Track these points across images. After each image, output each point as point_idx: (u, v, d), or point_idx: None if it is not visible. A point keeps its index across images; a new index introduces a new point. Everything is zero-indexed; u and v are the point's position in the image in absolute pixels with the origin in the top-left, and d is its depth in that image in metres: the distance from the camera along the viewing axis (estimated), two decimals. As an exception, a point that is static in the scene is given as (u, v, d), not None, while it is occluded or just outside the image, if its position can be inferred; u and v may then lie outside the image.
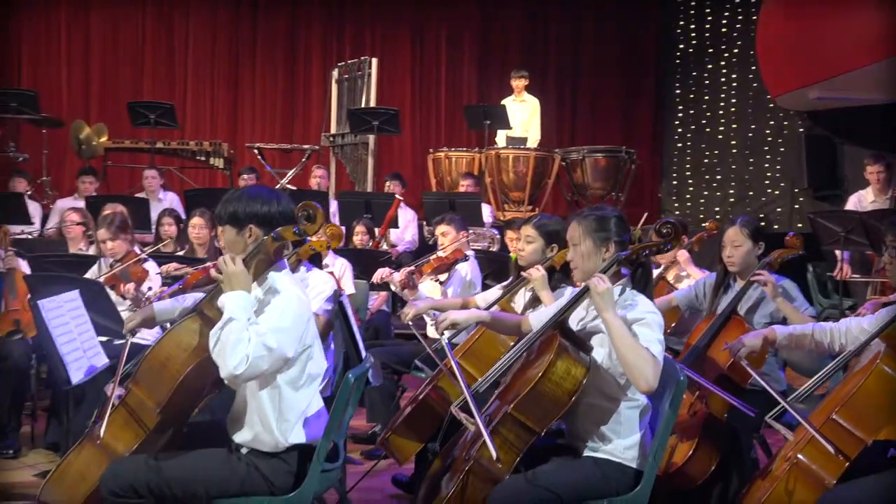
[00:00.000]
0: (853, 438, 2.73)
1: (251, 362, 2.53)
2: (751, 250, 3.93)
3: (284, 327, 2.61)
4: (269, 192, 2.80)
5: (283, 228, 2.73)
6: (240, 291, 2.63)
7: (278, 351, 2.59)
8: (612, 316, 2.69)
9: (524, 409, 2.75)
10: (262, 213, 2.74)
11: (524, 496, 2.67)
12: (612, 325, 2.68)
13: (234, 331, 2.54)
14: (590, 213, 2.97)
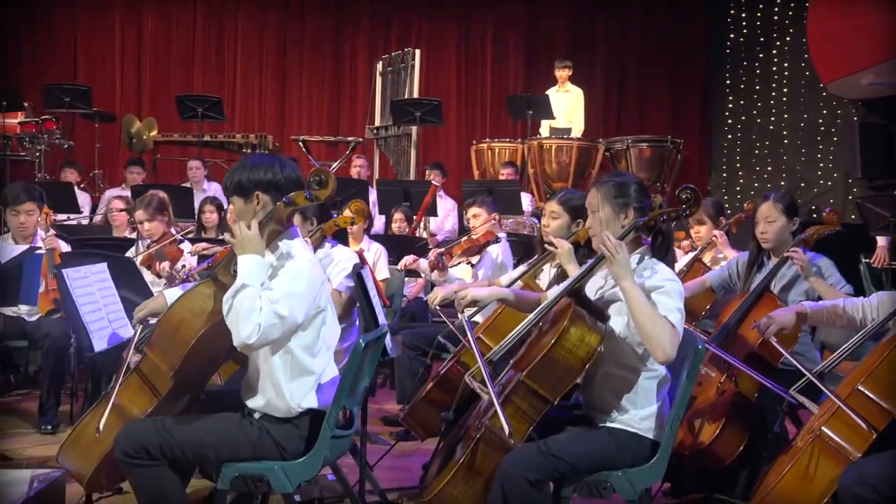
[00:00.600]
0: (880, 410, 2.63)
1: (263, 331, 2.54)
2: (785, 226, 3.82)
3: (297, 292, 2.62)
4: (271, 159, 2.81)
5: (295, 194, 2.73)
6: (253, 255, 2.64)
7: (290, 318, 2.60)
8: (629, 284, 2.63)
9: (537, 376, 2.70)
10: (266, 179, 2.74)
11: (535, 465, 2.62)
12: (629, 294, 2.63)
13: (247, 298, 2.56)
14: (609, 180, 2.91)
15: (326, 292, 2.78)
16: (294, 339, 2.69)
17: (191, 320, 2.72)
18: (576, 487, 2.72)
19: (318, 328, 2.73)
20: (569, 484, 2.72)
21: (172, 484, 2.69)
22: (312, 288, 2.67)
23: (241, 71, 12.29)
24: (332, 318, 2.82)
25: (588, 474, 2.72)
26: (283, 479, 2.68)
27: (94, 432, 2.71)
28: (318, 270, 2.74)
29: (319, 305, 2.72)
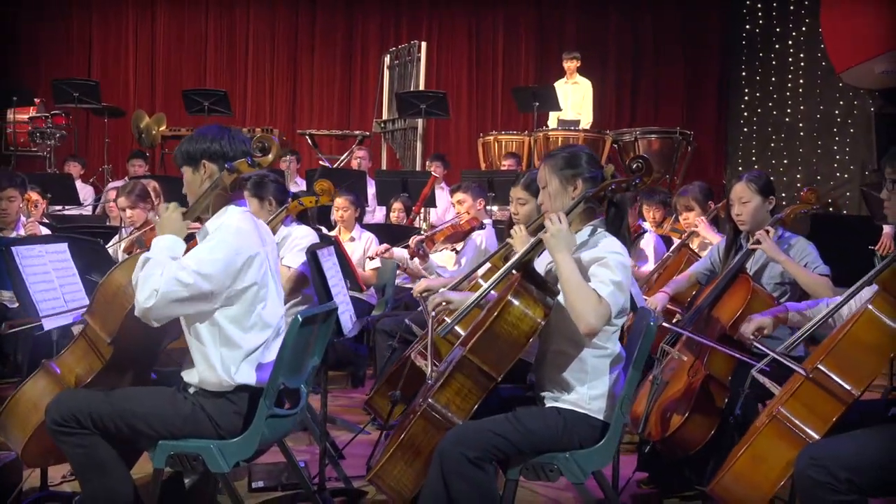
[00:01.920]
0: (841, 390, 2.49)
1: (161, 296, 2.51)
2: (760, 206, 3.68)
3: (212, 259, 2.57)
4: (220, 129, 2.80)
5: (238, 161, 2.69)
6: (169, 235, 2.65)
7: (196, 286, 2.54)
8: (561, 256, 2.56)
9: (480, 351, 2.61)
10: (213, 149, 2.73)
11: (475, 442, 2.52)
12: (560, 265, 2.56)
13: (148, 267, 2.56)
14: (558, 152, 2.82)
15: (266, 269, 2.70)
16: (221, 311, 2.63)
17: (127, 288, 2.69)
18: (521, 469, 2.62)
19: (251, 304, 2.66)
20: (514, 465, 2.62)
21: (105, 453, 2.64)
22: (234, 259, 2.61)
23: (252, 66, 12.35)
24: (273, 297, 2.74)
25: (534, 455, 2.62)
26: (219, 457, 2.61)
27: (28, 402, 2.68)
28: (248, 242, 2.66)
29: (247, 282, 2.64)
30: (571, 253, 2.58)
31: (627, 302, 2.68)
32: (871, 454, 2.35)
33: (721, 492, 2.58)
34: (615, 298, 2.55)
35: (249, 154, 2.71)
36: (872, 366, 2.44)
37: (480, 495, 2.51)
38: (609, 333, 2.69)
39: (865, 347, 2.45)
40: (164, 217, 2.69)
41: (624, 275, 2.59)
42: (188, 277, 2.52)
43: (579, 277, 2.53)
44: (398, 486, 2.63)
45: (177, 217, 2.67)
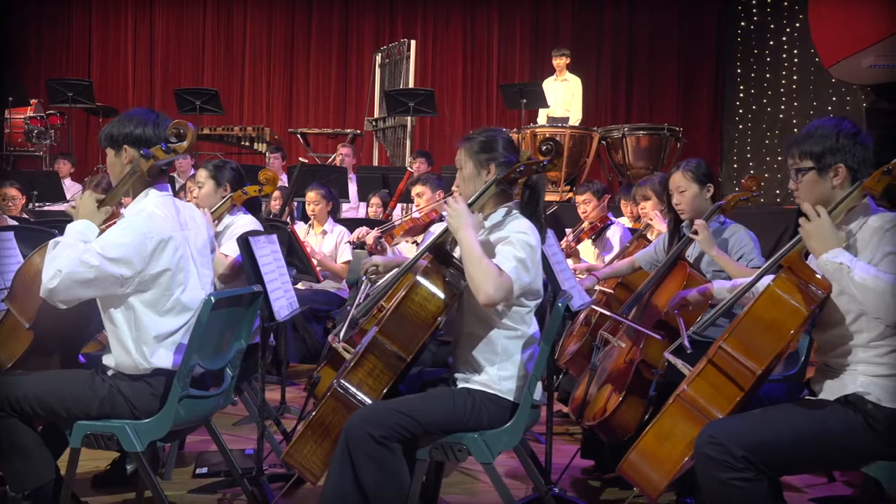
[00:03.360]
0: (743, 369, 2.49)
1: (64, 276, 2.51)
2: (698, 194, 3.68)
3: (120, 243, 2.58)
4: (147, 114, 2.79)
5: (154, 148, 2.72)
6: (82, 220, 2.67)
7: (102, 268, 2.54)
8: (463, 233, 2.59)
9: (389, 332, 2.64)
10: (135, 134, 2.74)
11: (381, 421, 2.54)
12: (461, 242, 2.59)
13: (55, 249, 2.58)
14: (475, 136, 2.84)
15: (185, 253, 2.73)
16: (136, 296, 2.65)
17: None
18: (430, 449, 2.64)
19: (167, 288, 2.68)
20: (423, 445, 2.64)
21: (25, 437, 2.67)
22: (143, 243, 2.61)
23: (249, 65, 12.47)
24: (194, 281, 2.77)
25: (442, 435, 2.64)
26: (132, 437, 2.65)
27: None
28: (160, 226, 2.67)
29: (164, 264, 2.66)
30: (474, 230, 2.60)
31: (537, 283, 2.70)
32: (767, 433, 2.36)
33: (628, 469, 2.59)
34: (517, 274, 2.56)
35: (165, 140, 2.73)
36: (773, 344, 2.43)
37: (385, 474, 2.53)
38: (522, 315, 2.71)
39: (766, 326, 2.45)
40: (79, 202, 2.71)
41: (528, 253, 2.60)
42: (93, 259, 2.54)
43: (480, 252, 2.55)
44: (308, 464, 2.66)
45: (90, 202, 2.69)
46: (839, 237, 2.40)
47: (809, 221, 2.43)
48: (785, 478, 3.76)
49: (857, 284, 2.29)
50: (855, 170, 2.51)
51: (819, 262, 2.38)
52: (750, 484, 2.32)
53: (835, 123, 2.57)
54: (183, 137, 2.74)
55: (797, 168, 2.58)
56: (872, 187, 2.49)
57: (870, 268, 2.31)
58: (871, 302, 2.27)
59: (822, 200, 2.53)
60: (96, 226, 2.67)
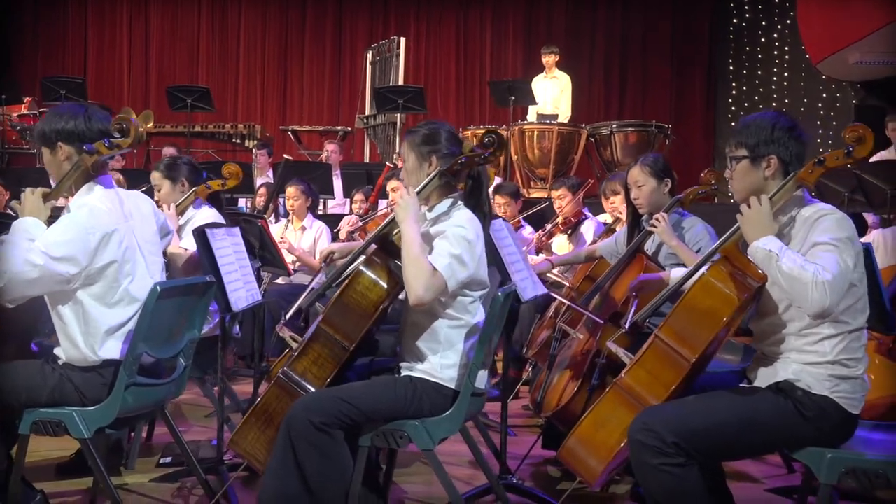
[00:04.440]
0: (678, 357, 2.52)
1: (10, 277, 2.52)
2: (656, 188, 3.71)
3: (63, 241, 2.59)
4: (77, 108, 2.79)
5: (97, 143, 2.74)
6: (28, 218, 2.68)
7: (47, 267, 2.56)
8: (406, 228, 2.63)
9: (332, 321, 2.68)
10: (67, 129, 2.74)
11: (322, 408, 2.57)
12: (403, 235, 2.63)
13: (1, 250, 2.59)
14: (419, 129, 2.88)
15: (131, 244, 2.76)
16: (84, 290, 2.67)
17: None
18: (372, 436, 2.67)
19: (114, 280, 2.70)
20: (365, 432, 2.67)
21: None
22: (86, 239, 2.63)
23: (243, 63, 12.54)
24: (143, 271, 2.80)
25: (384, 423, 2.67)
26: (80, 424, 2.68)
27: None
28: (103, 221, 2.69)
29: (109, 257, 2.67)
30: (417, 225, 2.64)
31: (480, 274, 2.73)
32: (698, 419, 2.39)
33: (566, 456, 2.62)
34: (452, 271, 2.60)
35: (107, 135, 2.75)
36: (706, 332, 2.46)
37: (327, 461, 2.57)
38: (465, 304, 2.74)
39: (700, 314, 2.48)
40: (25, 200, 2.72)
41: (465, 247, 2.63)
42: (38, 259, 2.55)
43: (417, 250, 2.59)
44: (253, 451, 2.70)
45: (36, 200, 2.71)
46: (774, 226, 2.43)
47: (749, 208, 2.47)
48: (743, 468, 3.83)
49: (783, 273, 2.31)
50: (787, 162, 2.54)
51: (750, 248, 2.41)
52: (681, 470, 2.35)
53: (773, 116, 2.60)
54: (126, 133, 2.76)
55: (732, 156, 2.62)
56: (806, 178, 2.52)
57: (798, 258, 2.33)
58: (796, 292, 2.30)
59: (753, 190, 2.57)
60: (42, 222, 2.69)
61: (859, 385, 2.43)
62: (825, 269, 2.28)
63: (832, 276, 2.26)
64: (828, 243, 2.34)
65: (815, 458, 2.40)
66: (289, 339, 2.84)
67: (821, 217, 2.42)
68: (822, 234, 2.37)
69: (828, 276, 2.26)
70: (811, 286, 2.26)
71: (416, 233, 2.61)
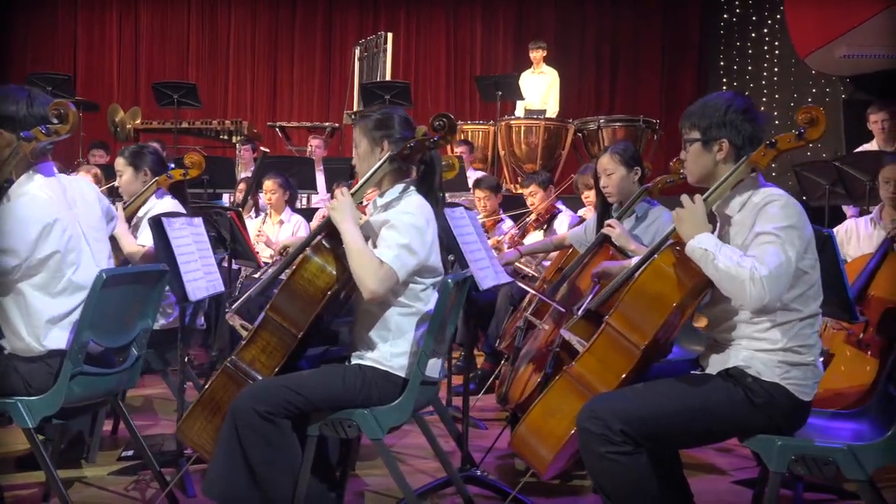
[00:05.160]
0: (628, 344, 2.48)
1: None
2: (625, 177, 3.68)
3: (2, 232, 2.55)
4: (18, 92, 2.72)
5: (34, 129, 2.69)
6: None
7: None
8: (344, 226, 2.62)
9: (279, 308, 2.65)
10: (8, 114, 2.66)
11: (268, 397, 2.54)
12: (343, 236, 2.61)
13: None
14: (371, 114, 2.84)
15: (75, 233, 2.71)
16: (25, 281, 2.63)
17: None
18: (321, 425, 2.63)
19: (57, 270, 2.65)
20: (314, 421, 2.64)
21: None
22: (26, 230, 2.59)
23: (233, 59, 12.49)
24: (88, 260, 2.76)
25: (332, 411, 2.63)
26: (24, 413, 2.64)
27: None
28: (44, 211, 2.64)
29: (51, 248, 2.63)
30: (355, 223, 2.62)
31: (431, 261, 2.69)
32: (646, 407, 2.35)
33: (517, 444, 2.59)
34: (401, 261, 2.57)
35: (46, 121, 2.70)
36: (655, 318, 2.42)
37: (273, 450, 2.54)
38: (416, 292, 2.71)
39: (649, 299, 2.44)
40: None
41: (414, 235, 2.60)
42: None
43: (361, 245, 2.58)
44: (200, 441, 2.67)
45: None
46: (708, 224, 2.39)
47: (683, 207, 2.43)
48: (710, 460, 3.80)
49: (720, 271, 2.28)
50: (739, 146, 2.49)
51: (687, 248, 2.37)
52: (628, 458, 2.31)
53: (728, 98, 2.56)
54: (64, 119, 2.70)
55: (685, 139, 2.58)
56: (758, 161, 2.48)
57: (735, 254, 2.29)
58: (734, 289, 2.26)
59: (705, 173, 2.54)
60: None
61: (811, 372, 2.39)
62: (762, 263, 2.24)
63: (769, 271, 2.22)
64: (769, 233, 2.30)
65: (765, 446, 2.36)
66: (239, 327, 2.81)
67: (767, 204, 2.37)
68: (766, 224, 2.32)
69: (764, 271, 2.22)
70: (748, 282, 2.22)
71: (355, 231, 2.60)
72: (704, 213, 2.42)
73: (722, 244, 2.33)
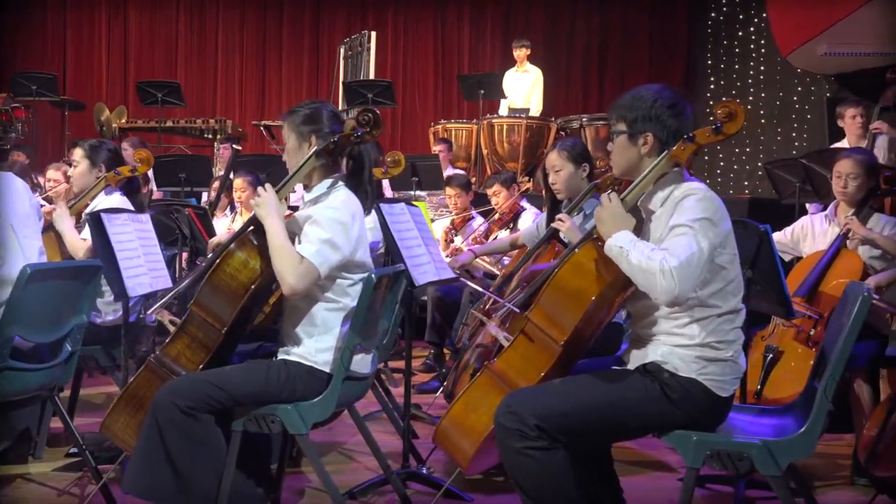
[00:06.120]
0: (548, 339, 2.47)
1: None
2: (573, 174, 3.68)
3: None
4: None
5: None
6: None
7: None
8: (269, 223, 2.62)
9: (203, 303, 2.64)
10: None
11: (189, 392, 2.54)
12: (267, 231, 2.61)
13: None
14: (300, 109, 2.84)
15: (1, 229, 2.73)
16: None
17: None
18: (245, 421, 2.62)
19: None
20: (238, 416, 2.63)
21: None
22: None
23: (222, 59, 12.49)
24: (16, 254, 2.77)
25: (255, 407, 2.62)
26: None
27: None
28: None
29: None
30: (280, 219, 2.62)
31: (358, 256, 2.69)
32: (562, 402, 2.34)
33: (440, 438, 2.58)
34: (322, 256, 2.57)
35: None
36: (574, 313, 2.40)
37: (194, 445, 2.53)
38: (344, 287, 2.70)
39: (567, 295, 2.42)
40: None
41: (337, 230, 2.60)
42: None
43: (282, 241, 2.58)
44: (123, 436, 2.66)
45: None
46: (629, 221, 2.37)
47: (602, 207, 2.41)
48: (661, 457, 3.78)
49: (633, 266, 2.26)
50: (664, 141, 2.47)
51: (605, 247, 2.35)
52: (543, 453, 2.30)
53: (655, 91, 2.53)
54: None
55: (612, 130, 2.57)
56: (678, 155, 2.46)
57: (646, 248, 2.27)
58: (647, 283, 2.24)
59: (631, 166, 2.52)
60: None
61: (729, 368, 2.37)
62: (672, 255, 2.22)
63: (679, 262, 2.21)
64: (683, 225, 2.29)
65: (681, 441, 2.35)
66: (167, 322, 2.81)
67: (685, 197, 2.36)
68: (680, 216, 2.31)
69: (674, 262, 2.20)
70: (658, 275, 2.21)
71: (279, 226, 2.60)
72: (623, 210, 2.40)
73: (637, 240, 2.32)
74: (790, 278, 3.94)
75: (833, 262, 3.77)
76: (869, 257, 3.77)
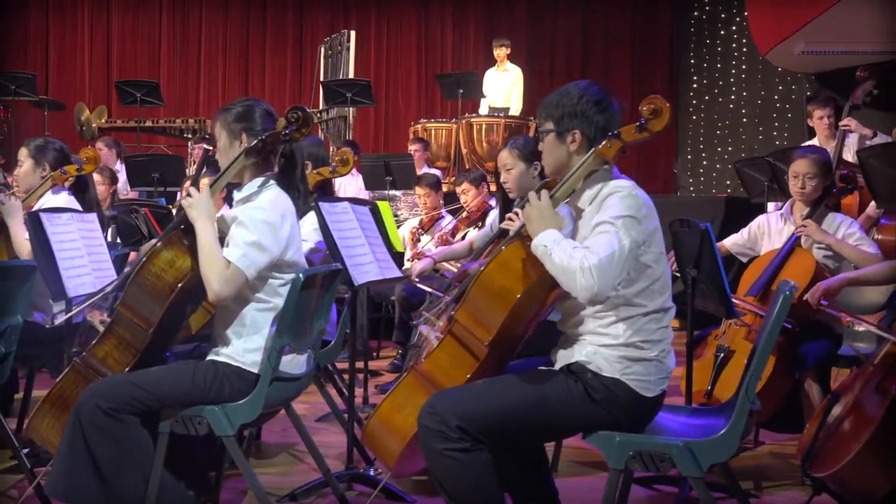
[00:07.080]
0: (473, 340, 2.43)
1: None
2: (524, 172, 3.64)
3: None
4: None
5: None
6: None
7: None
8: (200, 225, 2.58)
9: (129, 303, 2.61)
10: None
11: (113, 393, 2.50)
12: (198, 234, 2.57)
13: None
14: (233, 106, 2.81)
15: None
16: None
17: None
18: (171, 422, 2.59)
19: None
20: (165, 418, 2.60)
21: None
22: None
23: (205, 59, 12.48)
24: None
25: (182, 408, 2.59)
26: None
27: None
28: None
29: None
30: (211, 221, 2.60)
31: (289, 256, 2.66)
32: (484, 403, 2.31)
33: (367, 438, 2.56)
34: (249, 260, 2.55)
35: None
36: (499, 312, 2.36)
37: (118, 447, 2.50)
38: (274, 287, 2.67)
39: (492, 293, 2.39)
40: None
41: (265, 231, 2.57)
42: None
43: (211, 245, 2.55)
44: (48, 437, 2.63)
45: None
46: (556, 220, 2.34)
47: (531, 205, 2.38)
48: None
49: (555, 265, 2.24)
50: (591, 137, 2.45)
51: (531, 245, 2.32)
52: (466, 455, 2.28)
53: (583, 87, 2.52)
54: None
55: (540, 129, 2.55)
56: (605, 153, 2.43)
57: (569, 247, 2.24)
58: (568, 281, 2.21)
59: (560, 164, 2.50)
60: None
61: (654, 368, 2.34)
62: (593, 252, 2.20)
63: (598, 259, 2.18)
64: (606, 222, 2.26)
65: (604, 442, 2.32)
66: (98, 324, 2.77)
67: (610, 195, 2.34)
68: (604, 214, 2.29)
69: (594, 260, 2.18)
70: (578, 273, 2.18)
71: (208, 228, 2.57)
72: (551, 209, 2.37)
73: (562, 239, 2.29)
74: (745, 277, 3.92)
75: (786, 262, 3.75)
76: (823, 256, 3.75)
